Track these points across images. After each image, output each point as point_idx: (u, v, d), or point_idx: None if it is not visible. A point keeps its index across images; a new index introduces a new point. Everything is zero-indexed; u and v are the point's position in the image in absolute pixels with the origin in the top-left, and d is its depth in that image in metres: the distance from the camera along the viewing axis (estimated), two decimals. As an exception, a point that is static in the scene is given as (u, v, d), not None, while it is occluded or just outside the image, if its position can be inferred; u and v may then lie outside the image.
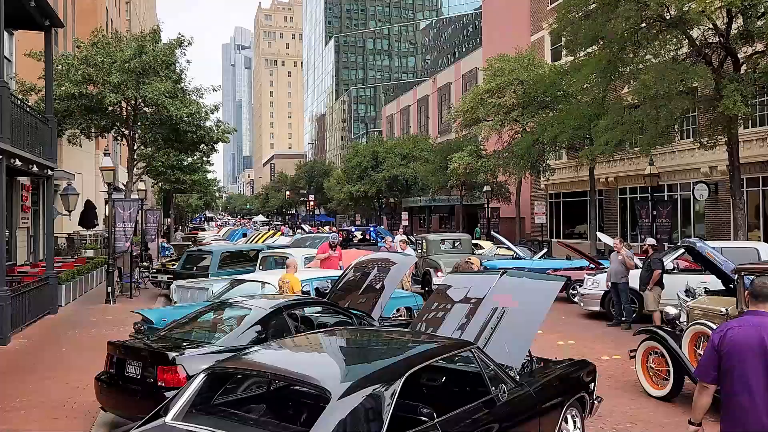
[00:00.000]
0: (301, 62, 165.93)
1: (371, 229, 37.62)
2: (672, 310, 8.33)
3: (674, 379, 7.57)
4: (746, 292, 4.22)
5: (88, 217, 23.73)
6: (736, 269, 7.43)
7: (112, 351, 6.50)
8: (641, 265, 12.68)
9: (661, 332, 7.86)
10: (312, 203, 73.82)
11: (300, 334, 6.14)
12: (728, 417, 3.69)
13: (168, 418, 3.92)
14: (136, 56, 20.40)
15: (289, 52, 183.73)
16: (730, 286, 10.76)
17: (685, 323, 8.17)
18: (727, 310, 7.49)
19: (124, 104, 21.96)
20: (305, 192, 75.24)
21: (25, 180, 19.48)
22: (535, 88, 25.92)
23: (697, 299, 9.03)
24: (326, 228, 48.36)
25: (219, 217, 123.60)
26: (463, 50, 76.69)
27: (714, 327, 7.08)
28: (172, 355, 5.95)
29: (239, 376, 4.65)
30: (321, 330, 6.22)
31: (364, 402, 3.57)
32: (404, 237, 23.76)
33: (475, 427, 4.20)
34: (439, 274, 16.40)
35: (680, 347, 7.55)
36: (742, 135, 18.38)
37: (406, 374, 3.93)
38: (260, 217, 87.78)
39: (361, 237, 31.11)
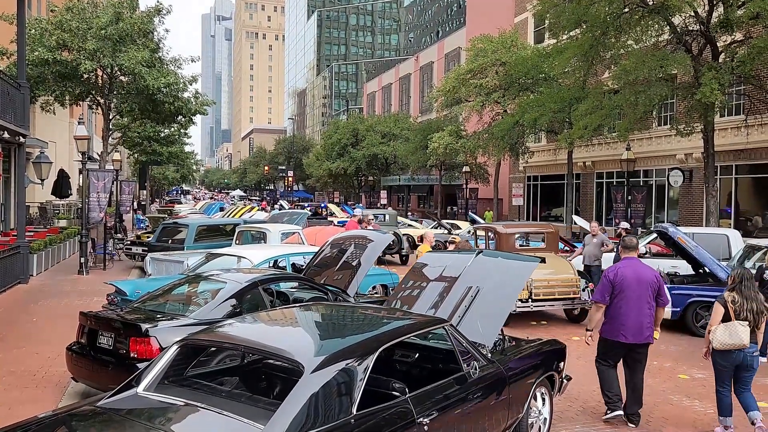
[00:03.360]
0: (283, 36, 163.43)
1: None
2: None
3: None
4: (619, 246, 6.63)
5: (61, 186, 23.25)
6: (473, 227, 11.18)
7: (84, 321, 6.43)
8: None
9: None
10: (291, 179, 73.31)
11: (275, 308, 6.13)
12: (612, 318, 6.09)
13: (140, 389, 3.90)
14: (112, 23, 19.90)
15: (270, 25, 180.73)
16: (700, 271, 11.03)
17: None
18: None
19: (99, 72, 21.47)
20: (284, 168, 74.64)
21: (-5, 147, 19.00)
22: (517, 69, 25.93)
23: None
24: (297, 205, 48.21)
25: (196, 190, 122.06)
26: (447, 29, 76.09)
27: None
28: (145, 326, 5.92)
29: (213, 349, 4.63)
30: (296, 305, 6.22)
31: (337, 376, 3.59)
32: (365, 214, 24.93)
33: (446, 402, 4.26)
34: None
35: None
36: (718, 123, 18.65)
37: (379, 350, 3.97)
38: (237, 192, 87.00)
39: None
